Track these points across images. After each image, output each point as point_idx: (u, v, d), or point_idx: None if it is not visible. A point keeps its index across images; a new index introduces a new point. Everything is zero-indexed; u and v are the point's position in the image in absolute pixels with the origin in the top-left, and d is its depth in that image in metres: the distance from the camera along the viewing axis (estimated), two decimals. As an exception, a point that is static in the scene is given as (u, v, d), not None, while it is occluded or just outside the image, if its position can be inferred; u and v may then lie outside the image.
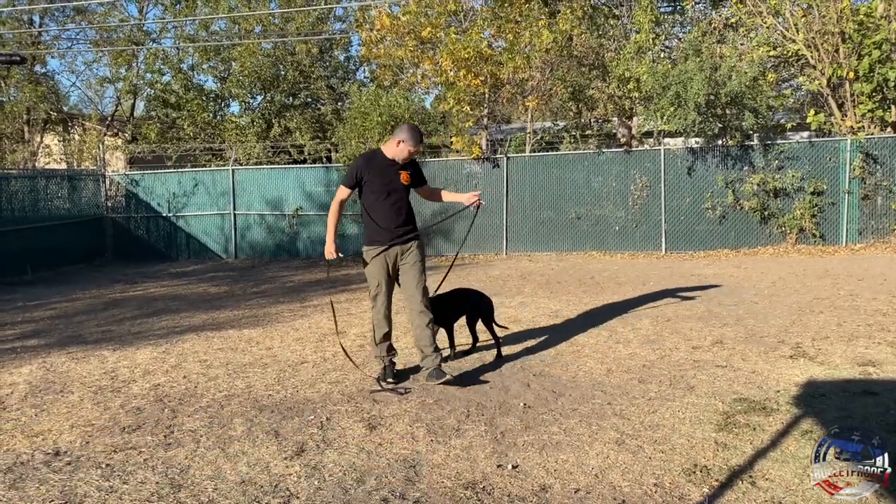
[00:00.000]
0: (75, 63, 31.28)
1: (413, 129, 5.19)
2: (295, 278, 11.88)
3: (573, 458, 3.76)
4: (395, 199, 5.19)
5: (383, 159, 5.20)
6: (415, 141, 5.12)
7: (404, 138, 5.10)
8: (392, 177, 5.17)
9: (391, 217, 5.17)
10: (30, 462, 3.97)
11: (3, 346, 7.10)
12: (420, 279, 5.18)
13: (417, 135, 5.18)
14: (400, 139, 5.10)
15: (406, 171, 5.20)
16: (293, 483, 3.57)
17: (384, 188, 5.16)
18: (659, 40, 15.07)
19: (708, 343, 6.09)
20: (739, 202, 12.69)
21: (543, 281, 10.22)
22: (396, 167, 5.18)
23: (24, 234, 13.38)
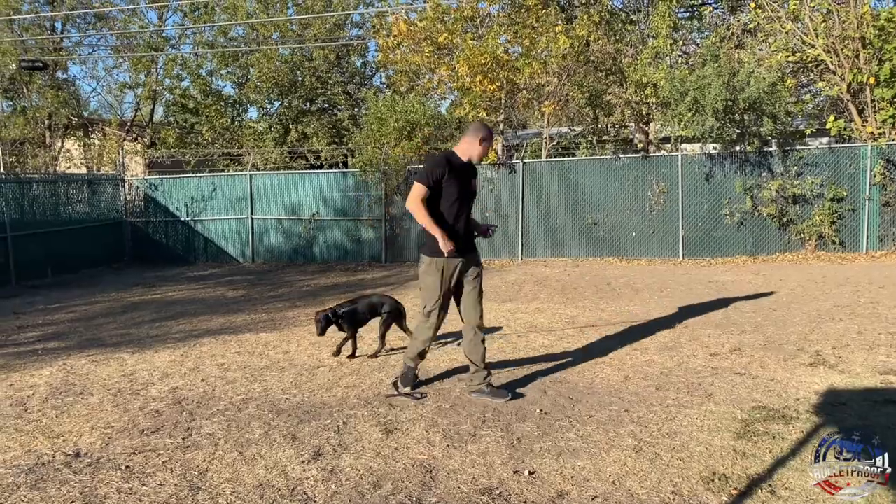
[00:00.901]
0: (96, 69, 31.81)
1: (489, 128, 4.90)
2: (311, 282, 11.93)
3: (590, 465, 3.74)
4: (468, 207, 4.86)
5: (459, 162, 4.82)
6: (492, 139, 4.88)
7: (486, 136, 4.77)
8: (467, 182, 4.84)
9: (463, 226, 4.84)
10: (51, 463, 4.01)
11: (25, 348, 7.18)
12: (482, 293, 4.98)
13: (491, 133, 4.91)
14: (482, 136, 4.76)
15: (474, 178, 4.95)
16: (310, 487, 3.59)
17: (460, 193, 4.77)
18: (676, 46, 15.02)
19: (726, 350, 6.05)
20: (758, 208, 12.59)
21: (559, 287, 10.19)
22: (470, 173, 4.88)
23: (46, 238, 13.55)
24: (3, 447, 4.29)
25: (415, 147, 14.18)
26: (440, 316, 4.96)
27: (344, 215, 14.95)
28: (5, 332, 8.14)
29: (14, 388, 5.64)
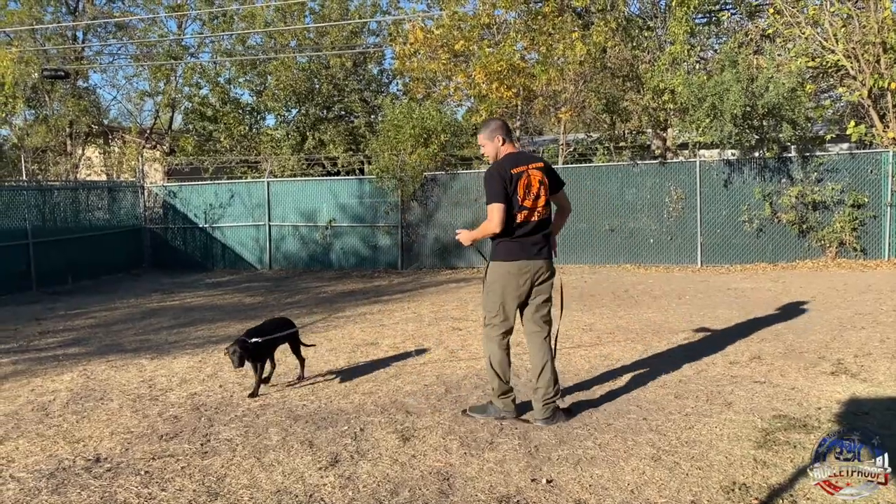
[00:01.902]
0: (116, 77, 32.18)
1: (490, 120, 4.73)
2: (328, 289, 11.98)
3: (608, 474, 3.71)
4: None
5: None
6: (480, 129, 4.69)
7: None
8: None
9: None
10: (71, 468, 4.05)
11: (46, 353, 7.27)
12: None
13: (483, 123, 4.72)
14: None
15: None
16: (328, 493, 3.59)
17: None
18: (694, 51, 14.94)
19: (746, 358, 5.99)
20: (777, 215, 12.47)
21: (576, 294, 10.15)
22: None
23: (66, 244, 13.71)
24: (25, 451, 4.34)
25: (431, 154, 14.21)
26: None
27: (360, 222, 15.00)
28: (27, 337, 8.24)
29: (36, 392, 5.70)
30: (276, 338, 5.59)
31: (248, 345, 5.25)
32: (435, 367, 6.11)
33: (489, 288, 4.56)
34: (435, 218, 14.39)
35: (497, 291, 4.51)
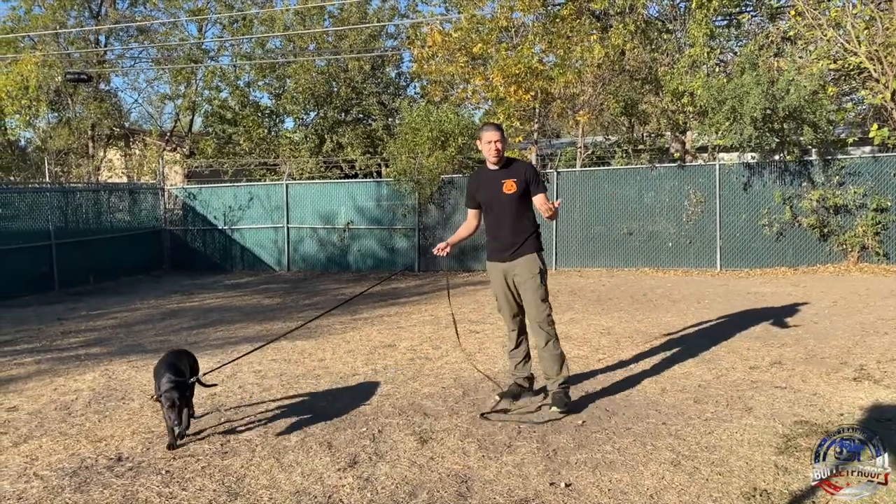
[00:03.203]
0: (137, 80, 32.50)
1: (486, 125, 4.98)
2: (346, 291, 12.02)
3: (628, 478, 3.70)
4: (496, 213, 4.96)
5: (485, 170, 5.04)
6: (484, 131, 4.89)
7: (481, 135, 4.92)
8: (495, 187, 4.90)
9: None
10: (94, 466, 4.10)
11: (69, 353, 7.36)
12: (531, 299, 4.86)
13: (485, 125, 4.96)
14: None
15: (511, 178, 4.87)
16: (346, 495, 3.61)
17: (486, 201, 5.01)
18: (714, 54, 14.83)
19: (766, 363, 5.93)
20: (797, 219, 12.35)
21: (594, 297, 10.11)
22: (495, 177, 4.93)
23: (88, 245, 13.88)
24: (49, 450, 4.39)
25: (448, 157, 14.22)
26: (503, 318, 5.12)
27: (378, 224, 15.04)
28: (50, 337, 8.35)
29: (58, 392, 5.78)
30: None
31: (187, 386, 4.31)
32: (452, 369, 6.12)
33: (544, 279, 4.84)
34: (452, 220, 14.40)
35: (546, 278, 4.89)
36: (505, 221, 4.88)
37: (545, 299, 4.81)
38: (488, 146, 4.86)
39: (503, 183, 4.85)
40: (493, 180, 4.92)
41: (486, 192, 4.97)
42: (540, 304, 4.77)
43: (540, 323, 4.78)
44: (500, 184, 4.86)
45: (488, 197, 4.96)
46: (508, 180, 4.85)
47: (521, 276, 4.82)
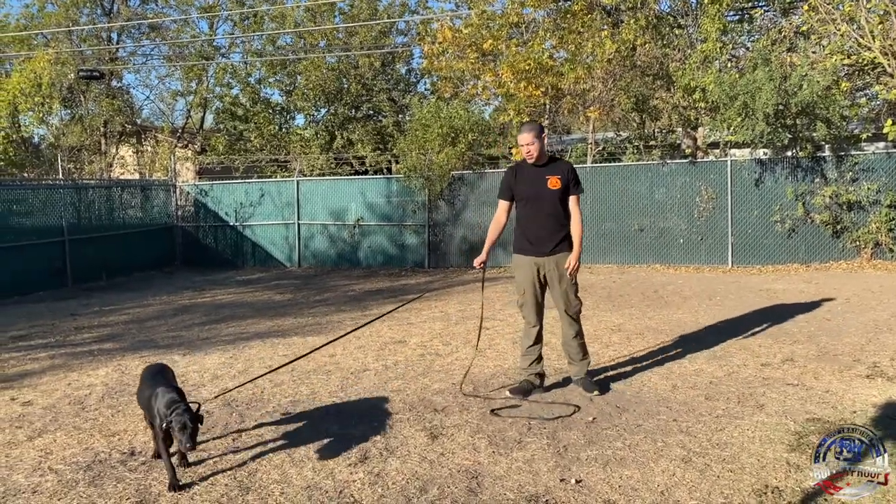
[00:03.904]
0: (149, 77, 32.69)
1: (524, 123, 5.17)
2: (356, 287, 12.05)
3: (638, 475, 3.70)
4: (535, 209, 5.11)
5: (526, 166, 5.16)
6: (525, 134, 4.99)
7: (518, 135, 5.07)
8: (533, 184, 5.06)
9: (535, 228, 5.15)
10: (107, 461, 4.13)
11: (82, 348, 7.42)
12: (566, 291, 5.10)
13: (523, 126, 5.10)
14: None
15: (556, 175, 5.01)
16: (357, 490, 3.62)
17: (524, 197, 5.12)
18: (726, 49, 14.73)
19: (778, 360, 5.91)
20: (810, 215, 12.26)
21: (605, 294, 10.09)
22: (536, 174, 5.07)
23: (101, 242, 13.97)
24: (63, 444, 4.44)
25: (459, 153, 14.22)
26: (524, 313, 5.25)
27: (388, 221, 15.06)
28: (63, 332, 8.42)
29: (72, 386, 5.83)
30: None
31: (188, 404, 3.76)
32: (463, 365, 6.12)
33: (576, 278, 5.09)
34: (462, 217, 14.40)
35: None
36: (545, 217, 5.02)
37: (577, 294, 5.12)
38: (523, 149, 5.05)
39: (548, 179, 5.00)
40: (537, 176, 5.04)
41: (526, 187, 5.07)
42: (573, 297, 5.08)
43: (573, 315, 5.10)
44: (544, 179, 5.01)
45: (529, 192, 5.06)
46: (553, 177, 5.00)
47: (559, 271, 5.03)
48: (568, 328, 5.14)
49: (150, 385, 3.90)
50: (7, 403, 5.39)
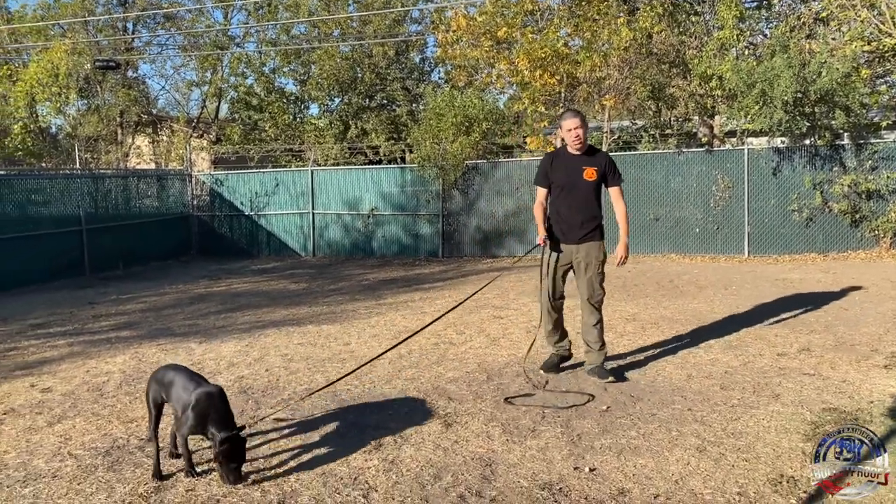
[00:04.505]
0: (164, 67, 32.83)
1: (568, 111, 5.17)
2: (370, 276, 12.09)
3: (652, 464, 3.69)
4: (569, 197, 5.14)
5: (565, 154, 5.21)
6: (569, 120, 5.02)
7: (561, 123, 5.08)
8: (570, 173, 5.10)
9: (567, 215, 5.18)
10: (125, 446, 4.19)
11: (100, 336, 7.50)
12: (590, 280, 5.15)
13: (567, 112, 5.11)
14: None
15: (593, 166, 5.06)
16: (371, 476, 3.65)
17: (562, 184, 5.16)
18: (743, 36, 14.56)
19: (794, 350, 5.86)
20: (828, 204, 12.13)
21: (620, 283, 10.05)
22: (576, 163, 5.10)
23: (117, 231, 14.08)
24: (82, 430, 4.50)
25: (473, 142, 14.17)
26: (543, 298, 5.30)
27: (402, 210, 15.07)
28: (81, 320, 8.51)
29: (90, 374, 5.90)
30: None
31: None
32: (476, 354, 6.14)
33: (603, 267, 5.13)
34: (476, 207, 14.38)
35: (604, 266, 5.16)
36: (579, 206, 5.05)
37: (602, 284, 5.14)
38: (569, 133, 5.03)
39: (584, 169, 5.03)
40: (574, 165, 5.07)
41: (563, 175, 5.11)
42: (598, 287, 5.12)
43: (595, 304, 5.12)
44: (581, 169, 5.03)
45: (565, 180, 5.10)
46: (590, 167, 5.03)
47: (586, 260, 5.08)
48: (589, 316, 5.16)
49: (207, 401, 3.52)
50: (27, 390, 5.47)
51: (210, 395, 3.52)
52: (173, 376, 3.70)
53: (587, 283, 5.10)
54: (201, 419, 3.44)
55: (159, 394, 3.72)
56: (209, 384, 3.65)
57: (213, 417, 3.45)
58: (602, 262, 5.12)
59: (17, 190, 12.32)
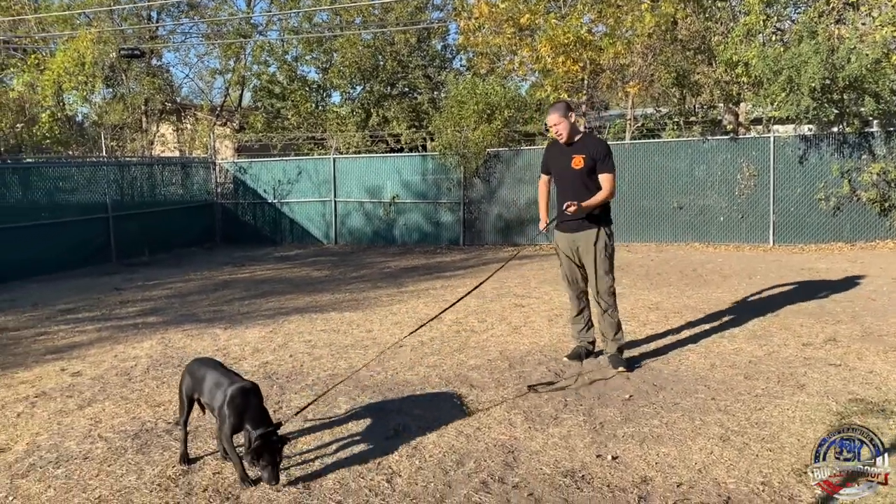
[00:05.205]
0: (188, 56, 33.01)
1: (554, 104, 5.23)
2: (392, 264, 12.13)
3: (675, 452, 3.69)
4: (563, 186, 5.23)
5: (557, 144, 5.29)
6: (548, 114, 5.15)
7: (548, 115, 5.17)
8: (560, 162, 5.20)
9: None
10: (154, 430, 4.27)
11: (127, 321, 7.63)
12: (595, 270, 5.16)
13: (550, 108, 5.21)
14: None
15: (580, 154, 5.07)
16: (395, 462, 3.69)
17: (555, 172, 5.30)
18: (770, 22, 14.32)
19: (820, 340, 5.80)
20: (856, 193, 11.94)
21: (643, 272, 10.00)
22: (566, 152, 5.16)
23: (143, 218, 14.26)
24: (111, 413, 4.59)
25: (494, 130, 14.13)
26: (564, 285, 5.44)
27: (423, 198, 15.08)
28: (109, 306, 8.65)
29: (118, 358, 6.00)
30: None
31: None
32: (498, 342, 6.15)
33: (611, 251, 5.14)
34: (497, 195, 14.35)
35: (613, 253, 5.17)
36: (571, 195, 5.07)
37: (609, 272, 5.12)
38: (552, 129, 5.16)
39: (572, 158, 5.09)
40: (564, 154, 5.16)
41: (555, 165, 5.26)
42: (603, 276, 5.10)
43: (601, 293, 5.12)
44: (569, 159, 5.11)
45: (557, 169, 5.24)
46: (577, 156, 5.07)
47: (584, 248, 5.13)
48: (597, 306, 5.21)
49: (240, 397, 3.44)
50: (58, 374, 5.59)
51: (245, 390, 3.45)
52: (206, 372, 3.66)
53: (592, 273, 5.13)
54: (239, 416, 3.37)
55: (192, 389, 3.69)
56: (243, 380, 3.60)
57: (250, 414, 3.37)
58: (604, 250, 5.09)
59: (45, 178, 12.52)
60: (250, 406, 3.40)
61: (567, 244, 5.23)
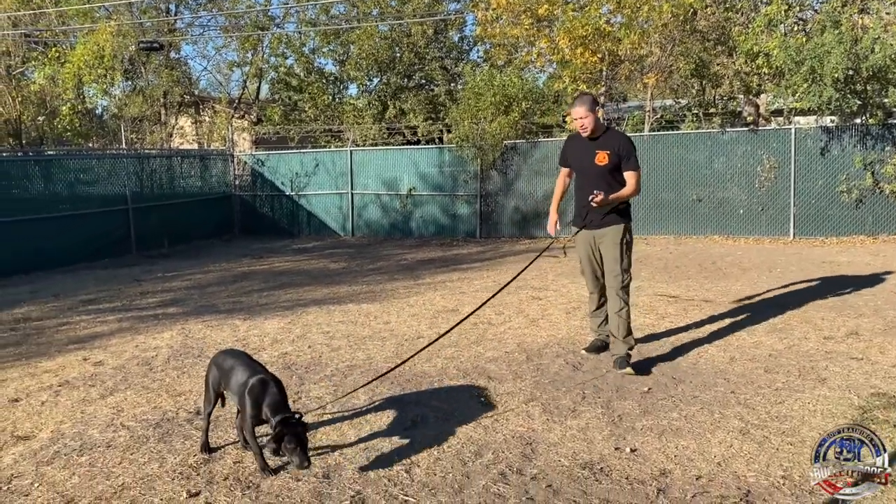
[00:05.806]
0: (206, 48, 33.17)
1: (577, 97, 5.05)
2: (408, 256, 12.15)
3: (694, 445, 3.68)
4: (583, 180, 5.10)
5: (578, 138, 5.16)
6: (577, 106, 4.89)
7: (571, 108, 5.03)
8: (582, 156, 5.06)
9: (582, 198, 5.05)
10: (175, 419, 4.32)
11: (147, 312, 7.71)
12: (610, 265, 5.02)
13: (576, 100, 4.98)
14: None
15: (605, 150, 4.90)
16: (413, 452, 3.70)
17: (576, 167, 5.21)
18: (792, 12, 14.13)
19: (842, 334, 5.74)
20: (879, 185, 11.77)
21: (661, 265, 9.94)
22: (588, 147, 5.00)
23: (162, 210, 14.38)
24: (133, 403, 4.65)
25: (512, 122, 14.08)
26: (587, 284, 5.38)
27: (440, 191, 15.08)
28: (129, 297, 8.75)
29: (139, 349, 6.07)
30: None
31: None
32: (515, 334, 6.15)
33: (629, 246, 5.04)
34: (514, 187, 14.31)
35: (632, 249, 5.07)
36: (590, 191, 4.86)
37: (627, 269, 4.99)
38: (576, 122, 5.00)
39: (596, 154, 4.93)
40: (586, 150, 5.01)
41: (577, 159, 5.13)
42: (620, 273, 4.97)
43: (617, 290, 4.97)
44: (592, 154, 4.95)
45: (579, 164, 5.12)
46: (602, 152, 4.91)
47: (604, 245, 5.02)
48: (612, 303, 4.99)
49: (261, 386, 3.45)
50: (80, 363, 5.66)
51: (264, 381, 3.44)
52: (232, 363, 3.65)
53: (610, 269, 4.98)
54: (257, 405, 3.37)
55: (218, 381, 3.68)
56: (267, 372, 3.59)
57: (268, 402, 3.36)
58: (624, 245, 4.95)
59: (66, 170, 12.66)
60: (271, 396, 3.40)
61: (588, 242, 5.10)
